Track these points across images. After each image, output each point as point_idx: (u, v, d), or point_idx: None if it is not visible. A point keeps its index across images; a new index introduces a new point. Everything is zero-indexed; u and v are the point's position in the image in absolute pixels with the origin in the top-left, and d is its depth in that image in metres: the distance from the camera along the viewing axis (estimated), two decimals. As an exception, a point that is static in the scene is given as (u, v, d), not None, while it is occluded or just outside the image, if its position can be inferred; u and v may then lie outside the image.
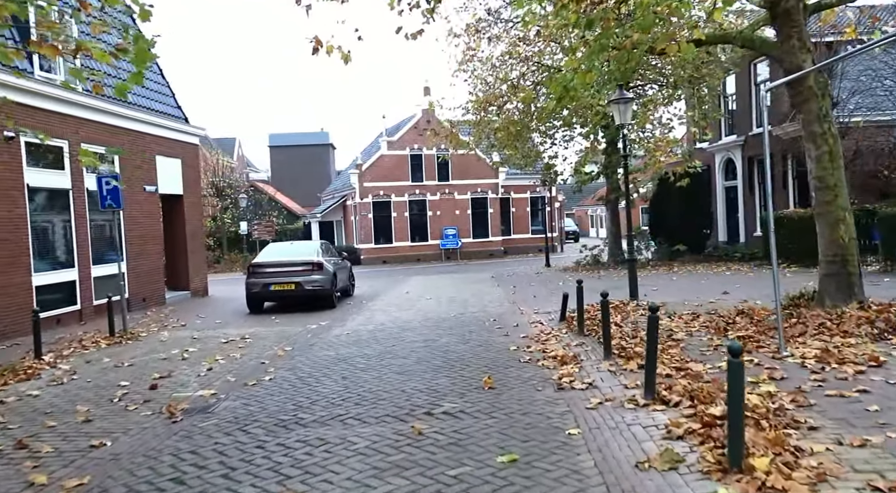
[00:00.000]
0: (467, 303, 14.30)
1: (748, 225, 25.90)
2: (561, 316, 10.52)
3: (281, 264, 13.96)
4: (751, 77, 25.20)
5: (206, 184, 37.10)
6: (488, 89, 23.41)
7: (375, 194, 36.65)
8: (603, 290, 8.03)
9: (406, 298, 16.18)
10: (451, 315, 12.14)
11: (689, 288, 14.64)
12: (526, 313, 12.16)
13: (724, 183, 27.84)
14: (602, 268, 23.72)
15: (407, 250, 37.26)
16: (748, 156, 25.49)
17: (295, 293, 13.92)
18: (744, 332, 7.72)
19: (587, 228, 64.97)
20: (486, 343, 8.86)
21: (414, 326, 10.92)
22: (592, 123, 22.46)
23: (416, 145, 36.77)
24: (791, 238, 19.11)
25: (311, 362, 8.07)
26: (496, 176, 38.65)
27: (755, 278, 15.97)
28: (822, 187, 8.23)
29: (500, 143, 24.01)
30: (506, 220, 40.14)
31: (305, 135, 61.48)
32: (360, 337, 9.95)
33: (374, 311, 13.60)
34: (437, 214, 37.83)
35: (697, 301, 11.78)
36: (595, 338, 8.50)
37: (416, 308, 13.66)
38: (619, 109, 11.90)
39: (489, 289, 17.85)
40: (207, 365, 8.05)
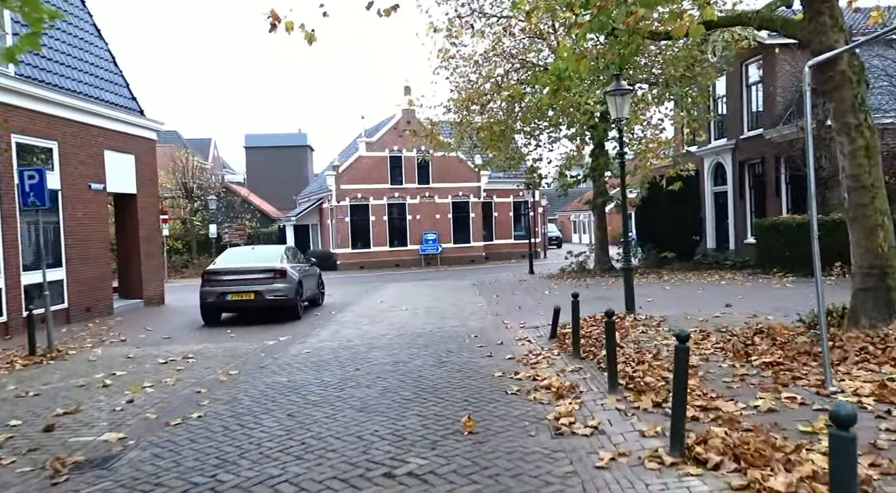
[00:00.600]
0: (446, 315, 13.02)
1: (738, 232, 24.94)
2: (552, 333, 9.28)
3: (239, 272, 12.56)
4: (742, 79, 24.30)
5: (175, 185, 35.49)
6: (471, 87, 22.21)
7: (353, 197, 35.26)
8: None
9: (379, 308, 14.86)
10: (427, 330, 10.84)
11: (686, 299, 13.49)
12: (511, 327, 10.91)
13: (714, 188, 26.90)
14: (588, 275, 22.58)
15: (385, 255, 35.90)
16: (739, 160, 24.55)
17: (254, 304, 12.54)
18: (770, 357, 6.52)
19: (570, 234, 64.01)
20: (465, 367, 7.57)
21: (384, 343, 9.61)
22: (580, 123, 21.34)
23: (396, 147, 35.48)
24: (787, 246, 18.13)
25: (256, 391, 6.72)
26: (478, 179, 37.46)
27: (754, 289, 14.88)
28: (857, 187, 7.08)
29: (482, 143, 22.79)
30: (488, 225, 38.95)
31: (282, 136, 59.88)
32: (320, 357, 8.61)
33: (343, 324, 12.25)
34: (417, 218, 36.54)
35: (700, 315, 10.62)
36: (594, 362, 7.26)
37: (389, 321, 12.34)
38: (615, 101, 10.72)
39: (470, 298, 16.59)
40: (130, 395, 6.67)
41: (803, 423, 4.53)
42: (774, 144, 21.84)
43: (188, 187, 35.17)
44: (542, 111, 21.65)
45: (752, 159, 23.78)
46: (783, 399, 5.14)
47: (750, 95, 24.44)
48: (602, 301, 13.82)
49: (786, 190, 22.37)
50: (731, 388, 5.64)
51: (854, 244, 7.20)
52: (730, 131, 25.17)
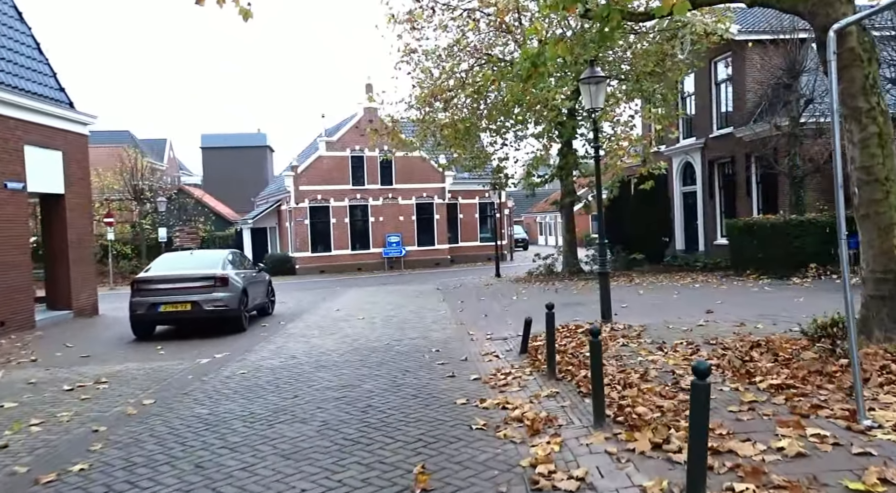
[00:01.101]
0: (406, 325, 11.90)
1: (708, 233, 24.38)
2: (522, 347, 8.24)
3: (173, 280, 11.24)
4: (711, 76, 23.75)
5: (124, 186, 33.64)
6: (433, 83, 21.15)
7: (312, 199, 33.87)
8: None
9: (334, 317, 13.66)
10: (383, 343, 9.71)
11: (663, 305, 12.63)
12: (477, 338, 9.86)
13: (683, 188, 26.33)
14: (557, 279, 21.70)
15: (347, 258, 34.59)
16: (709, 159, 23.99)
17: (191, 315, 11.23)
18: (776, 378, 5.58)
19: (536, 236, 63.41)
20: (423, 391, 6.48)
21: (333, 360, 8.44)
22: (547, 121, 20.46)
23: (358, 146, 34.24)
24: (761, 247, 17.50)
25: (166, 428, 5.51)
26: (443, 180, 36.42)
27: (732, 293, 14.12)
28: (868, 181, 6.21)
29: (445, 141, 21.75)
30: (453, 227, 37.93)
31: (241, 136, 58.01)
32: (257, 380, 7.41)
33: (291, 336, 11.04)
34: (380, 220, 35.32)
35: (682, 324, 9.71)
36: (572, 384, 6.23)
37: (343, 333, 11.17)
38: (589, 89, 9.76)
39: (434, 305, 15.50)
40: (7, 437, 5.41)
41: (847, 475, 3.56)
42: (745, 142, 21.28)
43: (137, 189, 33.33)
44: (509, 108, 20.72)
45: (722, 158, 23.23)
46: (810, 438, 4.18)
47: (719, 93, 23.90)
48: (574, 308, 12.88)
49: (757, 189, 21.84)
50: (741, 420, 4.66)
51: (865, 245, 6.34)
52: (699, 130, 24.61)
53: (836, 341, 6.43)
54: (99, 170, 34.72)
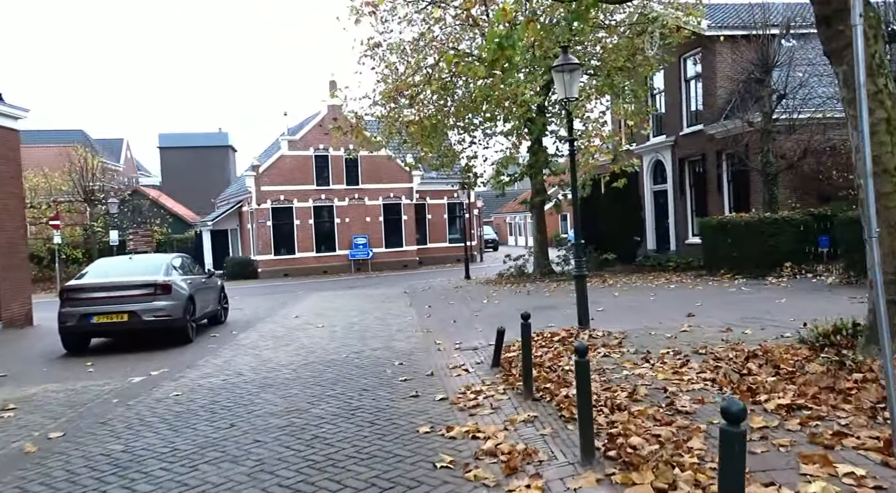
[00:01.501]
0: (368, 333, 11.02)
1: (679, 232, 23.96)
2: (494, 360, 7.43)
3: (108, 287, 10.17)
4: (681, 73, 23.34)
5: (73, 187, 32.01)
6: (398, 78, 20.27)
7: (275, 199, 32.68)
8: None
9: (292, 325, 12.71)
10: (341, 356, 8.82)
11: (641, 308, 11.97)
12: (445, 348, 9.04)
13: (653, 187, 25.90)
14: (528, 280, 21.01)
15: (312, 261, 33.48)
16: (679, 157, 23.58)
17: (129, 326, 10.18)
18: (783, 396, 4.86)
19: (506, 237, 62.91)
20: (382, 416, 5.62)
21: (283, 378, 7.53)
22: (516, 117, 19.75)
23: (322, 145, 33.15)
24: (735, 246, 17.03)
25: (64, 473, 4.55)
26: (410, 180, 35.54)
27: (709, 294, 13.54)
28: (875, 172, 5.52)
29: (411, 138, 20.90)
30: (421, 228, 37.06)
31: (201, 135, 56.23)
32: (191, 404, 6.47)
33: (241, 348, 10.07)
34: (346, 221, 34.28)
35: (664, 329, 9.03)
36: (552, 405, 5.43)
37: (299, 344, 10.25)
38: (563, 78, 9.02)
39: (400, 310, 14.64)
40: None
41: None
42: (716, 139, 20.89)
43: (88, 190, 31.73)
44: (476, 104, 19.96)
45: (693, 156, 22.83)
46: (843, 479, 3.45)
47: (689, 90, 23.50)
48: (547, 312, 12.15)
49: (728, 187, 21.47)
50: (755, 453, 3.91)
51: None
52: (669, 128, 24.20)
53: (841, 351, 5.76)
54: (46, 170, 33.07)
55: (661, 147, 24.50)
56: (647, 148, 25.10)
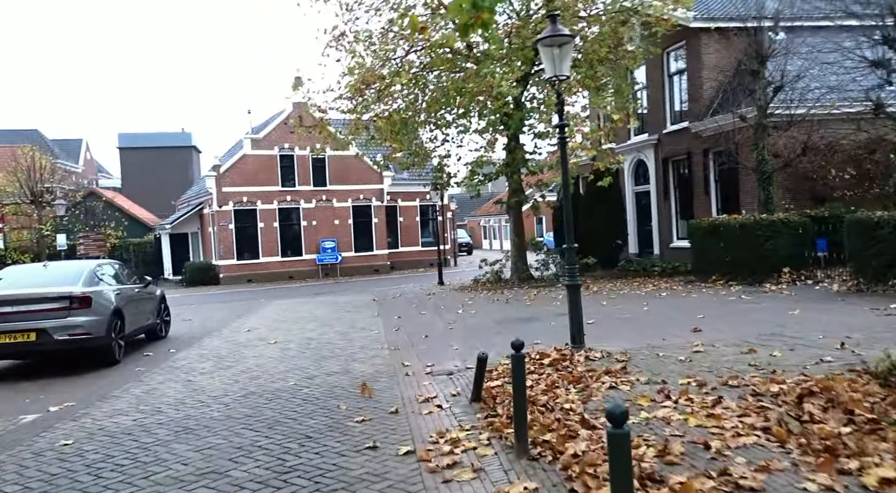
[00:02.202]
0: (326, 352, 9.52)
1: (663, 235, 22.83)
2: (474, 394, 5.99)
3: (11, 301, 8.50)
4: (664, 68, 22.24)
5: (19, 189, 29.85)
6: (365, 70, 18.77)
7: (237, 201, 30.89)
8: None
9: (240, 341, 11.13)
10: (288, 384, 7.31)
11: (636, 320, 10.66)
12: (414, 372, 7.58)
13: (635, 188, 24.77)
14: (506, 286, 19.67)
15: (277, 266, 31.74)
16: (662, 157, 22.46)
17: (38, 347, 8.52)
18: (884, 465, 3.51)
19: (480, 241, 61.59)
20: (325, 484, 4.15)
21: (210, 417, 6.00)
22: (492, 112, 18.40)
23: (287, 144, 31.48)
24: (728, 250, 15.87)
25: None
26: (381, 181, 34.01)
27: (709, 303, 12.30)
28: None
29: (380, 134, 19.45)
30: (392, 231, 35.53)
31: (163, 135, 54.00)
32: (75, 461, 4.92)
33: (173, 372, 8.49)
34: (313, 224, 32.61)
35: (671, 348, 7.71)
36: (556, 468, 4.01)
37: (243, 366, 8.70)
38: (552, 53, 7.66)
39: (366, 321, 13.15)
40: None
41: None
42: (703, 137, 19.80)
43: (35, 191, 29.59)
44: (449, 97, 18.57)
45: (677, 155, 21.73)
46: None
47: (672, 86, 22.41)
48: (529, 325, 10.77)
49: (716, 188, 20.37)
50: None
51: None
52: (651, 126, 23.08)
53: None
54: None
55: (643, 146, 23.38)
56: (628, 147, 23.96)
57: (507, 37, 17.98)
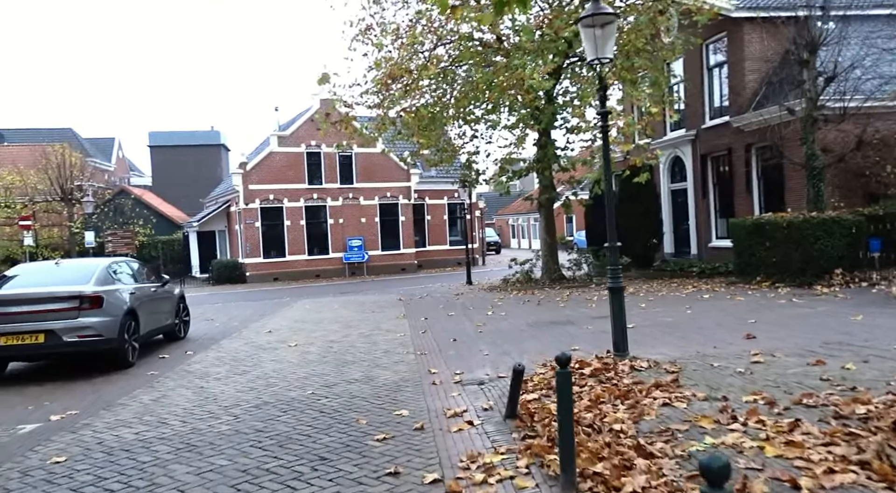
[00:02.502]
0: (349, 356, 8.96)
1: (701, 234, 21.88)
2: (509, 410, 5.35)
3: (18, 301, 8.11)
4: (703, 61, 21.30)
5: (49, 186, 30.00)
6: (393, 63, 18.21)
7: (264, 199, 30.63)
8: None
9: (260, 344, 10.64)
10: (306, 393, 6.75)
11: (679, 325, 9.90)
12: (441, 382, 6.97)
13: (671, 186, 23.84)
14: (536, 287, 18.97)
15: (303, 264, 31.42)
16: (701, 153, 21.51)
17: (46, 350, 8.10)
18: None
19: (508, 239, 60.76)
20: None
21: (217, 433, 5.46)
22: (523, 105, 17.69)
23: (314, 141, 31.13)
24: (775, 250, 14.96)
25: None
26: (408, 179, 33.50)
27: (757, 306, 11.46)
28: None
29: (407, 128, 18.89)
30: (420, 229, 35.00)
31: (192, 133, 54.27)
32: (63, 482, 4.41)
33: (186, 377, 8.01)
34: (340, 222, 32.23)
35: (725, 357, 6.97)
36: (610, 507, 3.37)
37: (260, 371, 8.19)
38: (594, 34, 6.98)
39: (391, 323, 12.58)
40: None
41: None
42: (745, 132, 18.85)
43: (66, 189, 29.70)
44: (479, 91, 17.90)
45: (717, 151, 20.77)
46: None
47: (712, 79, 21.45)
48: (564, 328, 10.10)
49: (758, 185, 19.38)
50: None
51: None
52: (689, 121, 22.14)
53: None
54: (20, 167, 31.11)
55: (679, 142, 22.45)
56: (664, 143, 23.03)
57: (539, 28, 17.27)
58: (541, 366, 7.20)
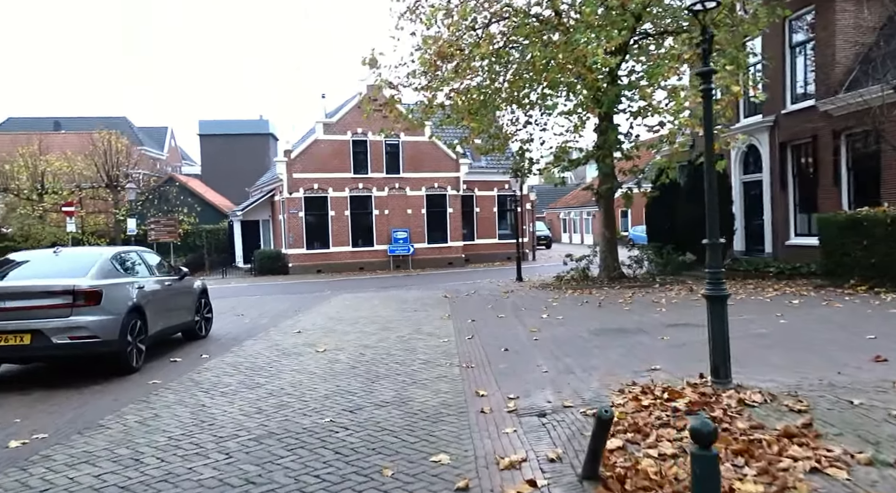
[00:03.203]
0: (381, 368, 7.63)
1: (778, 231, 19.75)
2: (588, 469, 3.88)
3: (5, 295, 7.06)
4: (785, 39, 19.15)
5: (95, 173, 29.76)
6: (442, 42, 16.77)
7: (308, 188, 29.70)
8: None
9: (286, 346, 9.43)
10: (323, 421, 5.43)
11: (778, 338, 8.21)
12: (492, 408, 5.56)
13: (743, 177, 21.72)
14: (594, 286, 17.35)
15: (347, 256, 30.41)
16: (780, 140, 19.38)
17: (31, 353, 7.02)
18: None
19: (558, 234, 58.72)
20: None
21: (197, 480, 4.18)
22: (585, 85, 16.01)
23: (360, 129, 30.02)
24: (874, 250, 13.00)
25: None
26: (457, 169, 32.08)
27: (865, 316, 9.64)
28: None
29: (455, 112, 17.48)
30: (468, 222, 33.58)
31: (241, 122, 54.12)
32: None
33: (189, 390, 6.81)
34: (385, 213, 31.08)
35: (864, 388, 5.35)
36: None
37: (276, 384, 6.93)
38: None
39: (434, 324, 11.23)
40: None
41: None
42: (833, 117, 16.73)
43: (111, 175, 29.41)
44: (537, 70, 16.29)
45: (799, 139, 18.62)
46: None
47: (794, 59, 19.28)
48: (637, 338, 8.54)
49: (848, 176, 17.21)
50: None
51: None
52: (766, 106, 20.02)
53: None
54: (68, 153, 31.02)
55: (755, 129, 20.33)
56: (737, 131, 20.95)
57: (604, 1, 15.57)
58: (617, 393, 5.71)
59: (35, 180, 29.33)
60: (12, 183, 29.77)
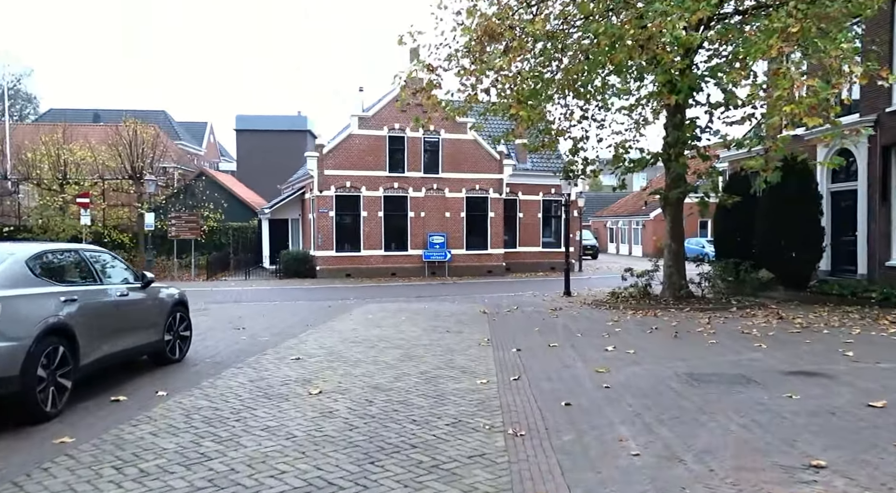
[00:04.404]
0: (392, 426, 5.29)
1: (876, 249, 16.76)
2: None
3: None
4: (893, 24, 16.26)
5: (119, 165, 28.27)
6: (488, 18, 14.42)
7: (340, 186, 27.64)
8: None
9: (275, 380, 7.15)
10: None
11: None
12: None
13: (831, 186, 18.74)
14: (658, 306, 14.79)
15: (379, 261, 28.23)
16: (883, 144, 16.45)
17: None
18: None
19: (605, 244, 55.62)
20: None
21: None
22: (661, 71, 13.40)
23: (398, 124, 27.87)
24: None
25: None
26: (500, 170, 29.63)
27: None
28: None
29: (503, 99, 15.10)
30: (511, 228, 31.07)
31: (279, 118, 52.65)
32: None
33: (99, 463, 4.58)
34: (421, 215, 28.81)
35: None
36: None
37: (231, 456, 4.64)
38: None
39: (470, 354, 8.85)
40: None
41: None
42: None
43: (135, 167, 27.87)
44: (601, 51, 13.76)
45: (908, 142, 15.71)
46: None
47: (904, 45, 16.36)
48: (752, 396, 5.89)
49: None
50: None
51: None
52: (864, 104, 17.12)
53: None
54: (92, 142, 29.66)
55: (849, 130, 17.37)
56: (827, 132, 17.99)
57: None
58: None
59: (57, 170, 27.99)
60: (34, 172, 28.50)
